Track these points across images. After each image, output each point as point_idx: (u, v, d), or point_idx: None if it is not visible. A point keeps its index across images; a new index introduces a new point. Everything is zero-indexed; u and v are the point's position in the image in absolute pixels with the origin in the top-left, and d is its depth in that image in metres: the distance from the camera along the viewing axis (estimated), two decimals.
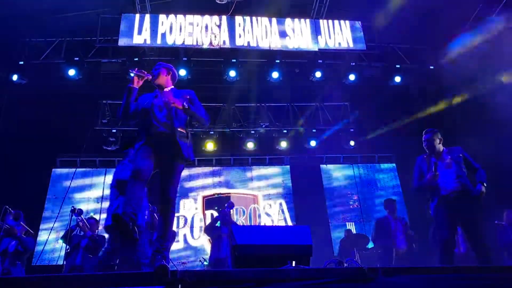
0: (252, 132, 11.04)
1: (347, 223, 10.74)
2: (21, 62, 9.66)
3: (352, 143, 11.01)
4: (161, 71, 4.13)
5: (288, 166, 11.62)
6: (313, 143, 11.04)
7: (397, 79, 10.25)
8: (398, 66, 10.30)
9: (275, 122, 11.18)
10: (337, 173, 11.64)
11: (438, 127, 4.98)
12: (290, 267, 2.79)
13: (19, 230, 6.12)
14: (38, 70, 10.11)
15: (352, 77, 10.12)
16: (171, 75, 4.22)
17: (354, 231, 10.28)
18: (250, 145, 10.96)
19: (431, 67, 10.39)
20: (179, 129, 3.71)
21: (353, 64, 10.15)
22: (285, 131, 11.13)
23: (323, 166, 11.66)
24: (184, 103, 3.78)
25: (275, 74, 9.89)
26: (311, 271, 2.41)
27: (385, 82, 10.42)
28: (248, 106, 11.28)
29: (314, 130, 11.15)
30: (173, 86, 4.19)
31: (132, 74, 3.94)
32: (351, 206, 11.09)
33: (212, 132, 10.94)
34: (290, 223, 10.50)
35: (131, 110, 3.91)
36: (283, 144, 11.01)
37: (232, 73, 9.74)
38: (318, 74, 9.92)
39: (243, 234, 3.02)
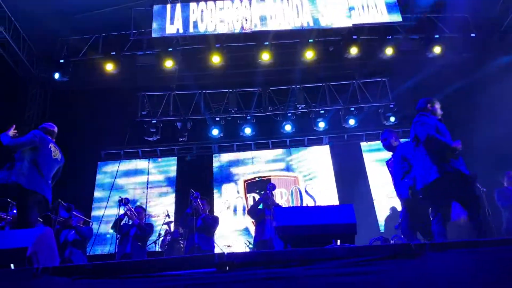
0: (289, 114, 10.99)
1: (391, 199, 10.53)
2: (62, 61, 10.01)
3: (392, 119, 10.74)
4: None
5: (328, 146, 11.50)
6: (352, 121, 10.85)
7: (437, 50, 9.85)
8: (437, 36, 9.89)
9: (311, 103, 11.07)
10: (379, 150, 11.40)
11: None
12: (335, 246, 2.80)
13: (75, 220, 6.43)
14: (78, 67, 10.47)
15: (389, 51, 9.81)
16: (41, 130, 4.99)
17: (399, 207, 10.06)
18: (288, 128, 10.93)
19: (472, 35, 9.93)
20: None
21: (389, 37, 9.83)
22: (322, 111, 10.99)
23: (363, 143, 11.45)
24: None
25: (309, 54, 9.74)
26: (356, 249, 2.40)
27: (424, 54, 10.05)
28: (283, 89, 11.22)
29: (352, 109, 10.95)
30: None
31: None
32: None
33: (249, 117, 10.98)
34: (332, 203, 10.44)
35: None
36: (321, 125, 10.89)
37: (266, 56, 9.68)
38: (353, 51, 9.67)
39: (286, 215, 3.04)
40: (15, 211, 5.82)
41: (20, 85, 10.91)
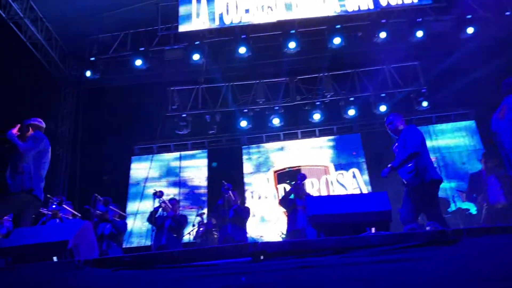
0: (317, 103, 10.88)
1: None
2: (92, 58, 10.25)
3: (424, 104, 10.46)
4: (23, 130, 4.51)
5: (358, 134, 11.34)
6: (382, 108, 10.63)
7: (470, 30, 9.50)
8: (469, 16, 9.53)
9: (340, 91, 10.92)
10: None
11: None
12: (370, 233, 2.77)
13: (111, 214, 6.62)
14: (108, 65, 10.71)
15: (419, 34, 9.53)
16: (31, 127, 4.62)
17: None
18: (317, 117, 10.83)
19: (507, 13, 9.51)
20: None
21: (420, 20, 9.54)
22: (352, 98, 10.83)
23: None
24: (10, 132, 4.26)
25: (336, 41, 9.57)
26: (392, 237, 2.37)
27: (456, 36, 9.72)
28: (311, 77, 11.11)
29: (383, 95, 10.73)
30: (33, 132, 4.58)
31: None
32: None
33: (277, 108, 10.95)
34: (365, 191, 10.31)
35: None
36: (351, 112, 10.73)
37: (292, 45, 9.59)
38: (382, 35, 9.45)
39: (319, 204, 3.03)
40: (54, 206, 6.05)
41: (53, 85, 11.26)
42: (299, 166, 11.01)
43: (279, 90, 11.01)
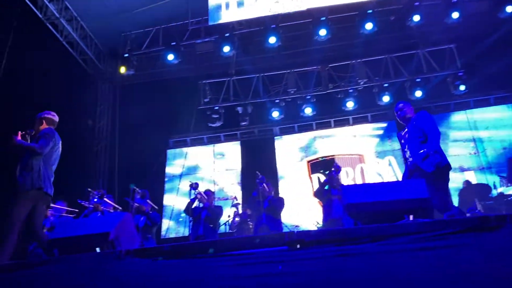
0: (351, 90, 10.71)
1: (464, 172, 10.00)
2: (126, 55, 10.47)
3: (462, 87, 10.09)
4: (36, 123, 4.58)
5: (393, 121, 11.09)
6: (418, 93, 10.33)
7: (509, 9, 9.06)
8: None
9: (374, 77, 10.70)
10: (449, 121, 10.82)
11: None
12: (408, 221, 2.72)
13: (146, 206, 6.80)
14: (141, 60, 10.91)
15: (455, 15, 9.18)
16: (45, 120, 4.64)
17: (474, 180, 9.56)
18: (350, 104, 10.67)
19: None
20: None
21: (455, 0, 9.19)
22: (386, 85, 10.58)
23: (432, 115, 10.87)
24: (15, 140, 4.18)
25: (368, 26, 9.36)
26: (431, 224, 2.32)
27: (494, 15, 9.30)
28: (343, 65, 10.93)
29: (418, 80, 10.43)
30: (47, 127, 4.61)
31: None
32: (469, 154, 10.23)
33: (309, 97, 10.85)
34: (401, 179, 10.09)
35: None
36: (385, 99, 10.49)
37: (323, 32, 9.46)
38: (416, 18, 9.17)
39: (355, 193, 3.00)
40: (96, 199, 6.26)
41: (90, 82, 11.59)
42: (333, 156, 10.91)
43: (311, 79, 10.90)
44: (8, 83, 7.77)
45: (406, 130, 4.76)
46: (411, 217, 2.79)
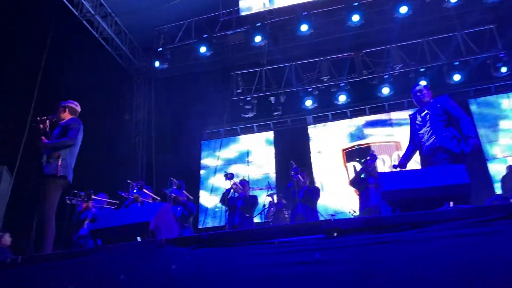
0: (386, 76, 10.46)
1: (507, 158, 9.61)
2: (160, 49, 10.63)
3: (503, 69, 9.66)
4: (59, 110, 4.59)
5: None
6: (457, 77, 9.97)
7: None
8: None
9: (410, 62, 10.40)
10: (489, 105, 10.39)
11: None
12: (449, 208, 2.65)
13: (183, 197, 6.93)
14: (175, 54, 11.06)
15: None
16: (68, 109, 4.64)
17: None
18: (385, 91, 10.43)
19: None
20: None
21: None
22: (422, 69, 10.27)
23: (471, 100, 10.51)
24: (43, 143, 4.25)
25: (403, 10, 9.09)
26: (472, 210, 2.26)
27: None
28: (377, 50, 10.68)
29: (456, 63, 10.06)
30: (71, 117, 4.62)
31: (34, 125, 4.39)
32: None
33: (343, 84, 10.69)
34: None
35: None
36: (423, 83, 10.18)
37: (356, 18, 9.27)
38: None
39: (393, 180, 2.94)
40: (135, 190, 6.44)
41: (126, 77, 11.87)
42: (369, 143, 10.73)
43: (344, 65, 10.72)
44: (49, 80, 8.06)
45: (426, 111, 4.62)
46: (451, 204, 2.72)
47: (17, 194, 7.41)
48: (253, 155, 11.53)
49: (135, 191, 6.47)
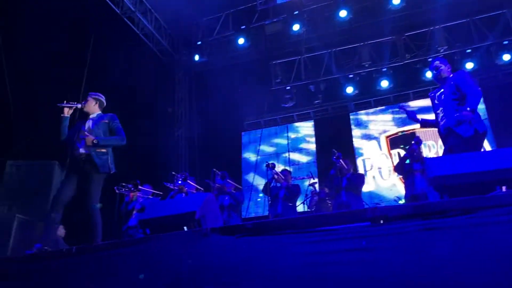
0: (430, 59, 10.07)
1: None
2: (199, 43, 10.77)
3: None
4: (89, 100, 4.58)
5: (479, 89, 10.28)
6: (506, 57, 9.45)
7: None
8: None
9: (455, 43, 9.97)
10: None
11: None
12: (501, 192, 2.54)
13: (228, 186, 7.03)
14: (213, 46, 11.15)
15: None
16: (99, 103, 4.65)
17: None
18: (430, 75, 10.05)
19: None
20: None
21: None
22: (468, 50, 9.82)
23: None
24: (94, 140, 4.24)
25: None
26: None
27: None
28: (420, 33, 10.29)
29: (505, 42, 9.52)
30: (99, 112, 4.62)
31: (61, 106, 4.41)
32: None
33: (385, 69, 10.41)
34: (490, 149, 9.41)
35: (64, 135, 4.42)
36: (469, 66, 9.76)
37: (396, 1, 8.99)
38: None
39: (441, 165, 2.85)
40: (180, 182, 6.59)
41: (166, 71, 12.10)
42: (413, 129, 10.41)
43: (386, 50, 10.40)
44: (94, 77, 8.35)
45: (442, 90, 4.38)
46: (503, 189, 2.60)
47: None
48: (294, 145, 11.49)
49: (179, 182, 6.63)
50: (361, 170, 10.25)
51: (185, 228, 3.22)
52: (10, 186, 6.23)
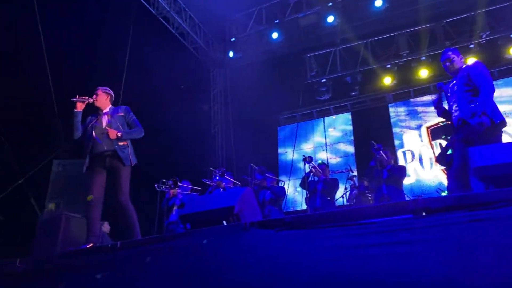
0: (471, 46, 9.68)
1: None
2: (233, 39, 10.82)
3: None
4: (100, 94, 4.53)
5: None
6: None
7: None
8: None
9: (498, 28, 9.53)
10: None
11: None
12: None
13: (269, 181, 7.06)
14: (247, 42, 11.17)
15: None
16: (109, 97, 4.62)
17: None
18: (472, 62, 9.66)
19: None
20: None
21: None
22: None
23: None
24: (118, 133, 4.28)
25: None
26: None
27: None
28: (460, 19, 9.89)
29: None
30: (111, 105, 4.60)
31: (74, 100, 4.37)
32: None
33: (424, 58, 10.10)
34: None
35: (78, 131, 4.41)
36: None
37: None
38: None
39: (485, 154, 2.74)
40: (217, 177, 6.68)
41: (202, 69, 12.25)
42: None
43: (424, 38, 10.09)
44: (132, 77, 8.55)
45: (454, 82, 4.22)
46: None
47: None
48: (331, 138, 11.37)
49: (217, 178, 6.72)
50: (401, 162, 10.02)
51: (224, 222, 3.25)
52: (57, 184, 6.49)
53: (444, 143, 9.78)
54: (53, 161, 6.61)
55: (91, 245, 4.00)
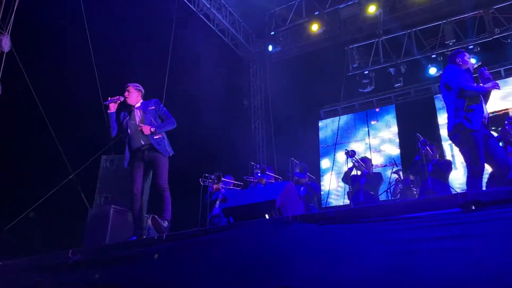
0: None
1: None
2: (272, 33, 10.80)
3: None
4: (131, 91, 4.57)
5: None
6: None
7: None
8: None
9: None
10: None
11: None
12: None
13: (305, 178, 7.03)
14: (287, 35, 11.12)
15: None
16: (140, 93, 4.67)
17: None
18: None
19: None
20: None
21: None
22: None
23: None
24: (151, 129, 4.36)
25: None
26: None
27: None
28: (510, 4, 9.37)
29: None
30: (142, 100, 4.64)
31: (107, 103, 4.49)
32: None
33: (471, 46, 9.63)
34: None
35: (114, 130, 4.53)
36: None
37: None
38: None
39: None
40: (259, 173, 6.72)
41: (242, 64, 12.31)
42: (507, 109, 9.58)
43: (472, 26, 9.64)
44: (174, 74, 8.72)
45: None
46: None
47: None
48: (374, 131, 11.12)
49: (259, 174, 6.77)
50: (448, 156, 9.66)
51: (266, 216, 3.27)
52: (105, 179, 6.73)
53: (494, 134, 9.34)
54: (101, 156, 6.87)
55: (138, 237, 4.14)
